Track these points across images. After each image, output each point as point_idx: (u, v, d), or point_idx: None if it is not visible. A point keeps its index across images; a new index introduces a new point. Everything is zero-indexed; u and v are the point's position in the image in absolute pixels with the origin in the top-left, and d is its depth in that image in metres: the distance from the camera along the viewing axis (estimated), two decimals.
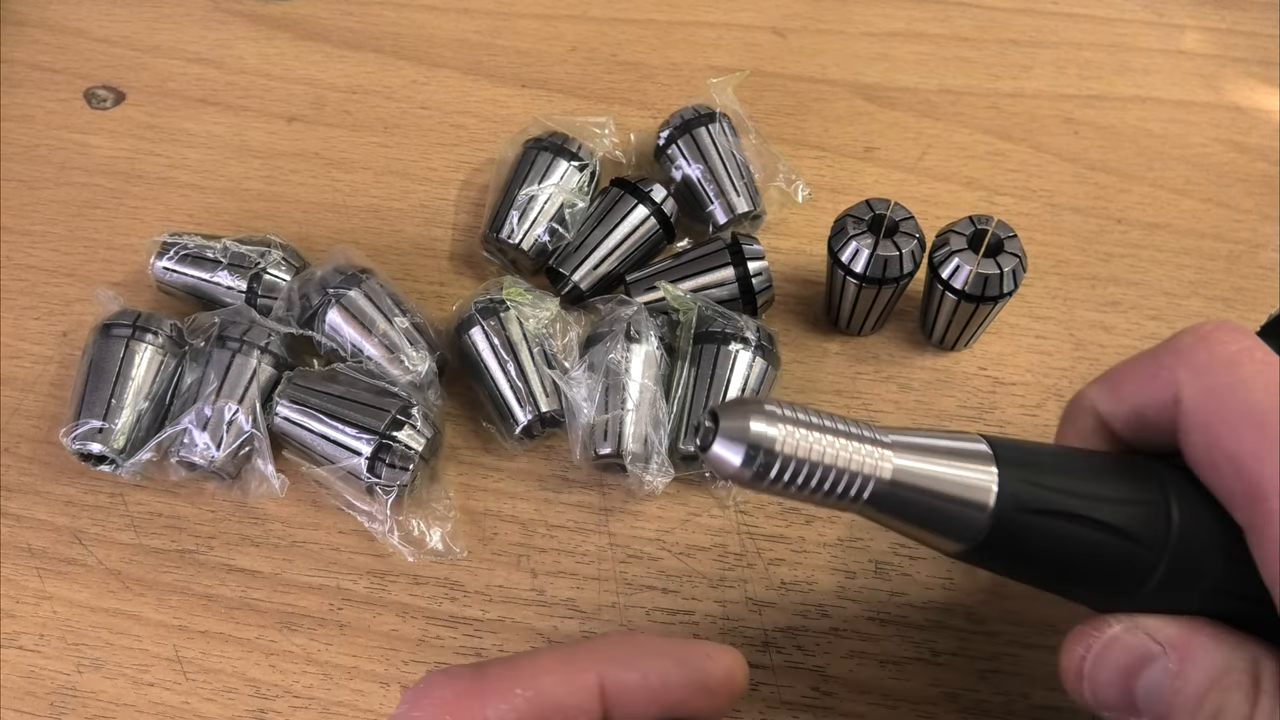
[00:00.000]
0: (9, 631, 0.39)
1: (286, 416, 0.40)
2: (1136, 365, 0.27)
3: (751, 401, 0.23)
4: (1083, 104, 0.54)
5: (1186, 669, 0.25)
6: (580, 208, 0.46)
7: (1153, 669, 0.25)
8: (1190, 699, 0.24)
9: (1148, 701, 0.25)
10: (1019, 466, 0.24)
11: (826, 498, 0.23)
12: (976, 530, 0.24)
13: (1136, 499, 0.25)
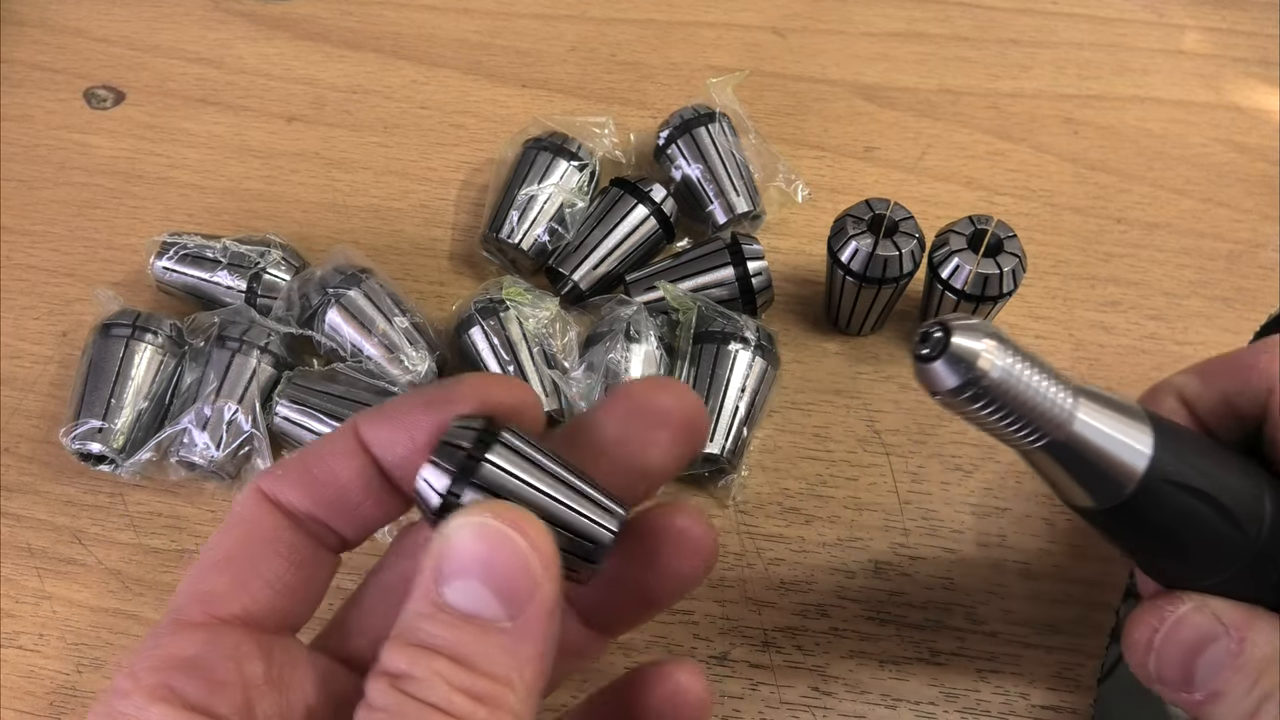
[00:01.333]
0: (9, 631, 0.39)
1: (286, 416, 0.40)
2: (1233, 355, 0.28)
3: (984, 326, 0.24)
4: (1083, 104, 0.54)
5: (1246, 649, 0.26)
6: (580, 207, 0.46)
7: (1215, 648, 0.26)
8: (1244, 679, 0.26)
9: (1204, 678, 0.26)
10: (1167, 437, 0.25)
11: (1007, 431, 0.24)
12: (1120, 492, 0.25)
13: (1249, 488, 0.26)
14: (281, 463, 0.26)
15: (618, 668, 0.38)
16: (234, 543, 0.25)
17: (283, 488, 0.26)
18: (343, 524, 0.26)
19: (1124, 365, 0.44)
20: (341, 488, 0.26)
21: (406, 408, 0.26)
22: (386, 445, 0.25)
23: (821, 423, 0.43)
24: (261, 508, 0.25)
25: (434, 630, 0.22)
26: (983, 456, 0.42)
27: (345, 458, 0.26)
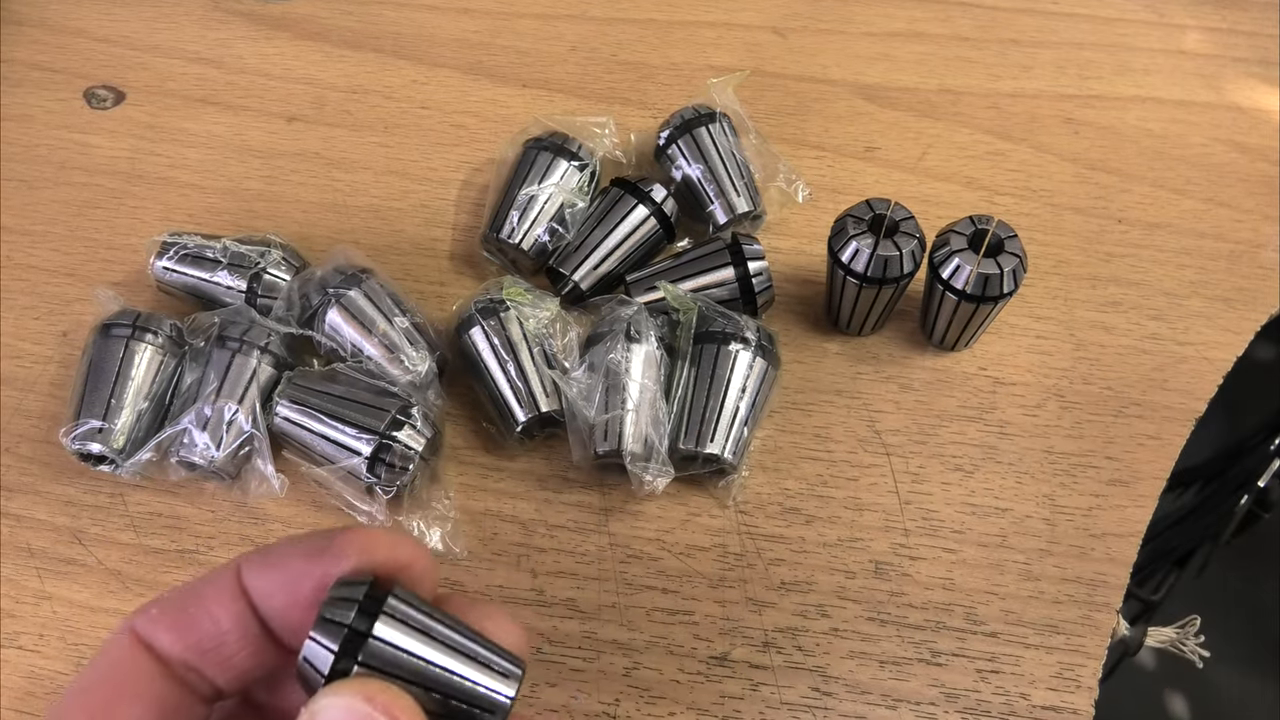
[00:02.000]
0: (9, 631, 0.39)
1: (286, 416, 0.40)
2: None
3: None
4: (1083, 104, 0.54)
5: None
6: (580, 207, 0.46)
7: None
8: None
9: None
10: None
11: None
12: None
13: None
14: (158, 600, 0.25)
15: (618, 667, 0.38)
16: (94, 685, 0.24)
17: (156, 630, 0.24)
18: (217, 672, 0.25)
19: (1125, 365, 0.44)
20: (219, 634, 0.25)
21: (288, 556, 0.25)
22: (265, 594, 0.25)
23: (822, 423, 0.43)
24: (130, 650, 0.24)
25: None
26: (983, 457, 0.42)
27: (224, 602, 0.25)
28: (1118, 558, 0.40)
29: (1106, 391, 0.44)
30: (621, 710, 0.37)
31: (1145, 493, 0.41)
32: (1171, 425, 0.43)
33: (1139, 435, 0.43)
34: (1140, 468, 0.42)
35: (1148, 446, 0.42)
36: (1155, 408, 0.43)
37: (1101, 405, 0.43)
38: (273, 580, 0.25)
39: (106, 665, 0.24)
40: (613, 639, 0.39)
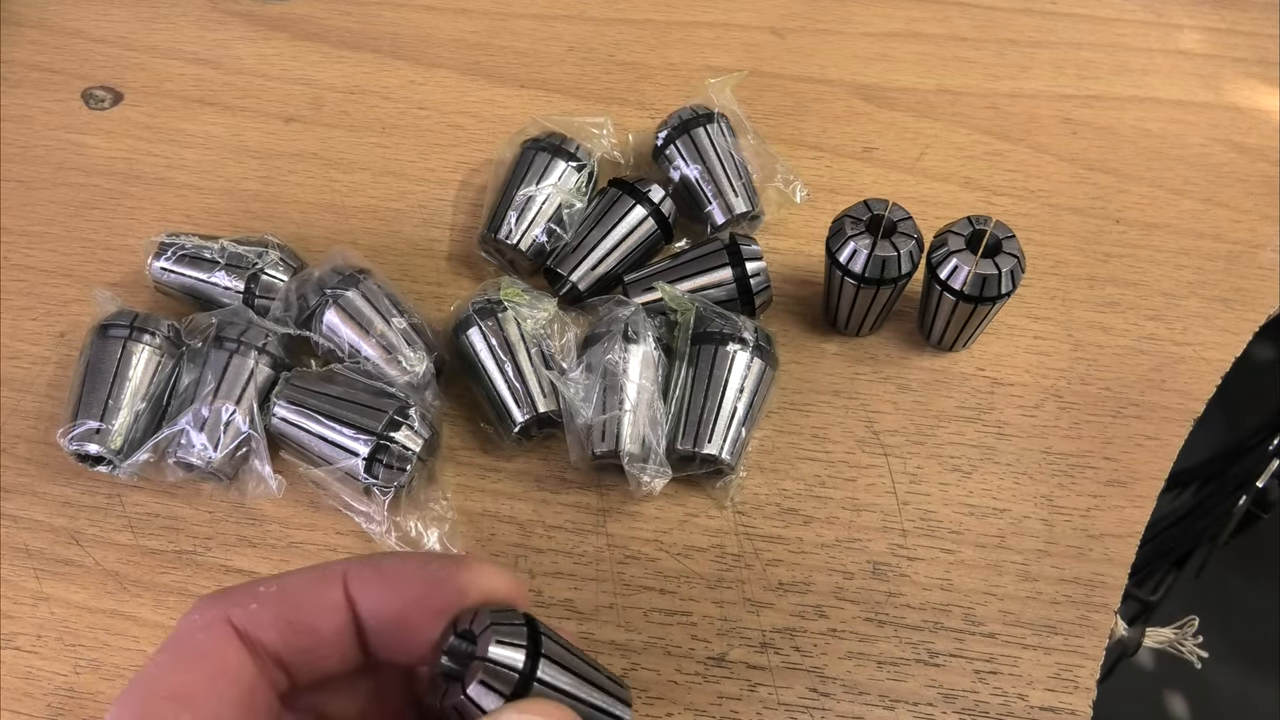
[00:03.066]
0: (6, 632, 0.39)
1: (284, 417, 0.40)
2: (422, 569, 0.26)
3: None
4: (1081, 104, 0.54)
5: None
6: (578, 208, 0.46)
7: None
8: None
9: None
10: None
11: None
12: None
13: None
14: (248, 594, 0.25)
15: (616, 668, 0.38)
16: (198, 679, 0.23)
17: (258, 628, 0.24)
18: (302, 672, 0.25)
19: (1123, 365, 0.44)
20: (318, 640, 0.25)
21: (405, 579, 0.25)
22: (373, 609, 0.25)
23: (820, 423, 0.43)
24: (229, 643, 0.24)
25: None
26: (981, 457, 0.42)
27: (329, 612, 0.25)
28: (1116, 558, 0.40)
29: (1104, 392, 0.44)
30: None
31: (1143, 493, 0.41)
32: (1170, 426, 0.43)
33: (1137, 436, 0.43)
34: (1138, 468, 0.42)
35: (1146, 447, 0.42)
36: (1153, 408, 0.43)
37: (1100, 406, 0.43)
38: (385, 599, 0.25)
39: (197, 648, 0.24)
40: (610, 639, 0.39)
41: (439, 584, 0.25)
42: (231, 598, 0.25)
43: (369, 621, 0.25)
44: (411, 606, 0.25)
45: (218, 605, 0.24)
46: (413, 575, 0.25)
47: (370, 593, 0.25)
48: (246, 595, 0.25)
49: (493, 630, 0.24)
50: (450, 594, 0.25)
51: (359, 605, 0.25)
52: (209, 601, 0.25)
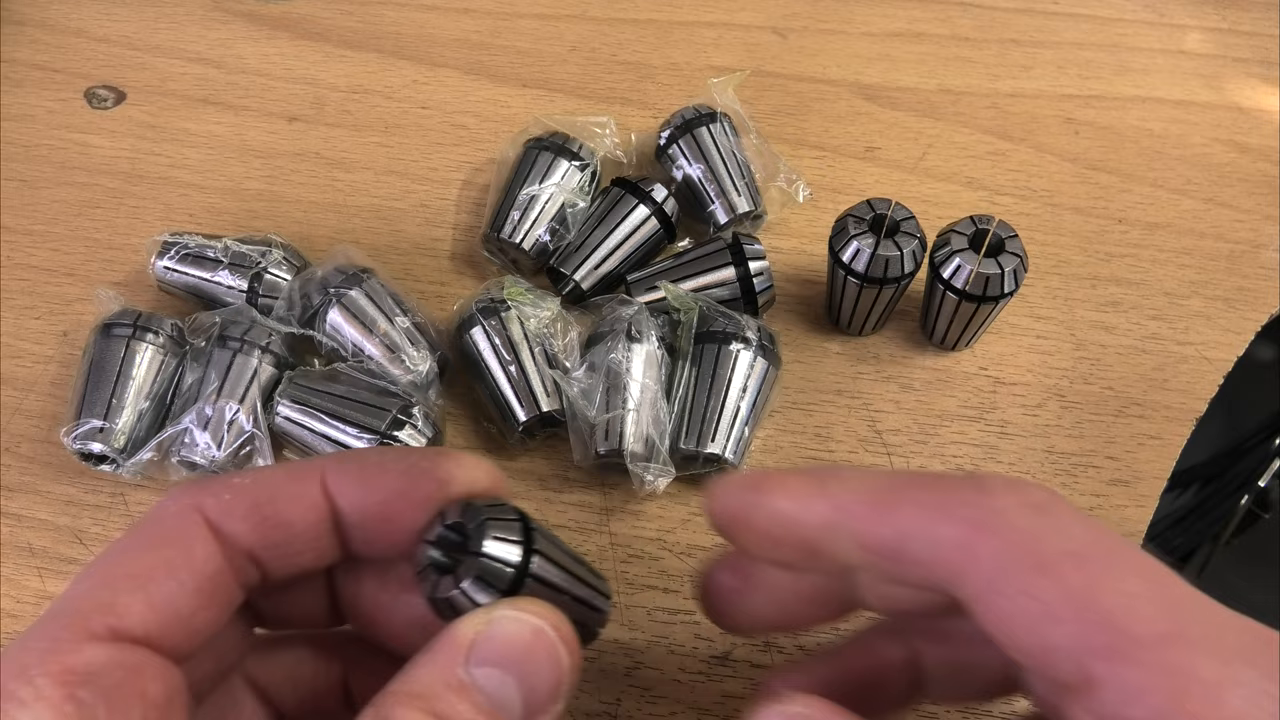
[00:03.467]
0: (9, 631, 0.39)
1: (287, 416, 0.40)
2: (924, 489, 0.24)
3: None
4: (1083, 104, 0.54)
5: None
6: (581, 207, 0.46)
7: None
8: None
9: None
10: None
11: None
12: None
13: None
14: (223, 485, 0.24)
15: (619, 667, 0.38)
16: (159, 562, 0.23)
17: (229, 519, 0.24)
18: (276, 568, 0.25)
19: (1125, 365, 0.44)
20: (291, 534, 0.25)
21: (384, 473, 0.25)
22: (356, 503, 0.25)
23: (823, 423, 0.43)
24: (197, 531, 0.24)
25: (460, 708, 0.21)
26: (984, 457, 0.42)
27: (305, 506, 0.24)
28: None
29: (1107, 391, 0.44)
30: (623, 710, 0.37)
31: (1146, 493, 0.41)
32: (1172, 425, 0.43)
33: (1139, 435, 0.43)
34: (1141, 468, 0.42)
35: (1148, 446, 0.42)
36: (1155, 408, 0.43)
37: (1102, 405, 0.43)
38: (366, 492, 0.25)
39: (170, 542, 0.24)
40: (614, 638, 0.39)
41: (421, 475, 0.25)
42: (205, 488, 0.24)
43: (349, 515, 0.25)
44: (393, 499, 0.25)
45: (190, 494, 0.24)
46: (394, 468, 0.25)
47: (350, 486, 0.25)
48: (220, 486, 0.25)
49: (488, 525, 0.24)
50: (432, 485, 0.25)
51: (338, 499, 0.25)
52: (182, 490, 0.25)
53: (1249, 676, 0.19)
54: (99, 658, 0.21)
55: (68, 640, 0.21)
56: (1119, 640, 0.20)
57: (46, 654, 0.21)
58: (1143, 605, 0.20)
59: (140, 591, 0.22)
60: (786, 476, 0.25)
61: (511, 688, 0.22)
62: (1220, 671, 0.19)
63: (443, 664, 0.22)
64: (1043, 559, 0.21)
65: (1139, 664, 0.19)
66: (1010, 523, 0.22)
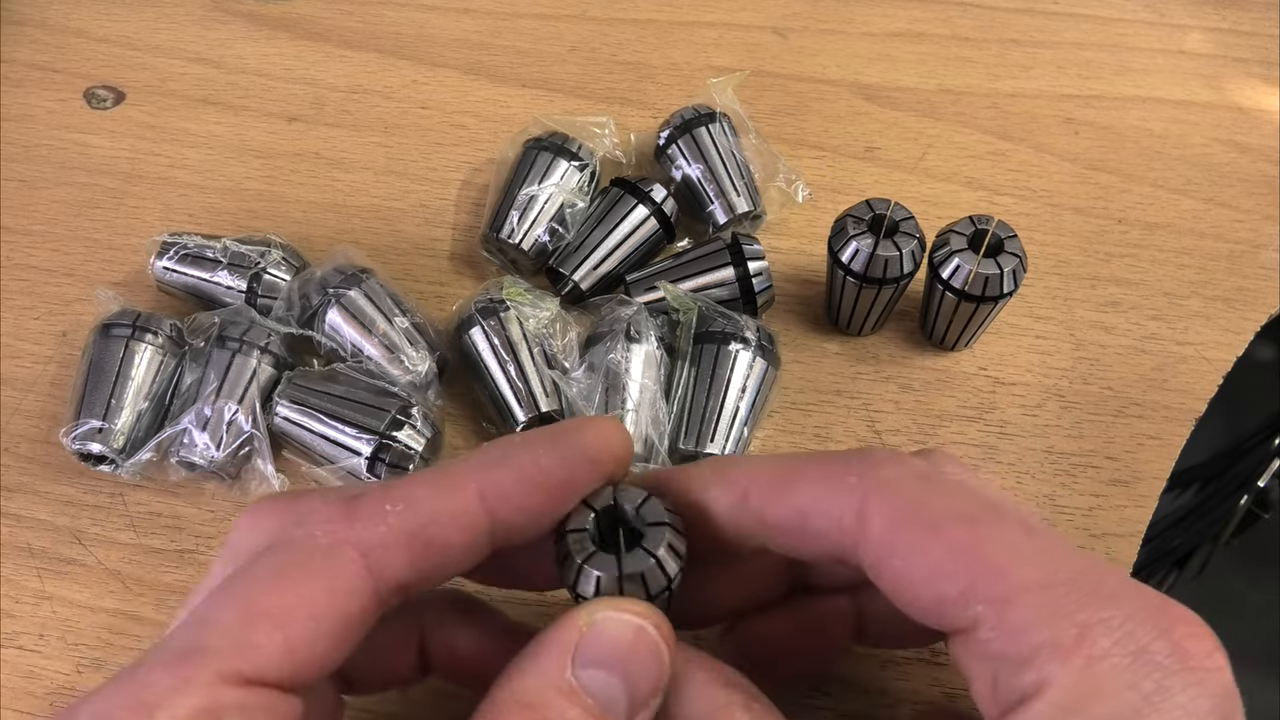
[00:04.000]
0: (8, 631, 0.39)
1: (286, 416, 0.40)
2: (816, 467, 0.25)
3: None
4: (1083, 104, 0.54)
5: (671, 705, 0.23)
6: (580, 208, 0.46)
7: None
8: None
9: None
10: None
11: None
12: None
13: None
14: (377, 515, 0.23)
15: None
16: (302, 601, 0.22)
17: (387, 553, 0.23)
18: (424, 586, 0.24)
19: (1125, 365, 0.44)
20: (449, 556, 0.24)
21: (539, 470, 0.24)
22: (518, 512, 0.24)
23: (822, 423, 0.43)
24: (350, 569, 0.22)
25: (571, 714, 0.21)
26: (983, 457, 0.42)
27: (463, 526, 0.24)
28: (1118, 558, 0.40)
29: (1106, 391, 0.44)
30: None
31: (1145, 493, 0.41)
32: (1171, 425, 0.43)
33: (1139, 435, 0.43)
34: (1140, 468, 0.42)
35: (1148, 446, 0.42)
36: (1155, 408, 0.43)
37: (1101, 405, 0.43)
38: (526, 499, 0.24)
39: (313, 567, 0.22)
40: None
41: (577, 463, 0.25)
42: (359, 517, 0.23)
43: (512, 522, 0.24)
44: (554, 495, 0.24)
45: (343, 524, 0.23)
46: (547, 462, 0.24)
47: (511, 496, 0.24)
48: (375, 516, 0.23)
49: (666, 532, 0.24)
50: (587, 469, 0.25)
51: (499, 510, 0.24)
52: (332, 519, 0.23)
53: (1118, 620, 0.21)
54: (226, 701, 0.20)
55: (199, 683, 0.20)
56: (1001, 587, 0.22)
57: (174, 693, 0.20)
58: (1022, 556, 0.22)
59: (279, 632, 0.21)
60: (686, 470, 0.26)
61: (617, 688, 0.22)
62: (1092, 614, 0.21)
63: (548, 668, 0.22)
64: (930, 521, 0.23)
65: (1018, 606, 0.21)
66: (898, 491, 0.24)
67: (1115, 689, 0.20)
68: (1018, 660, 0.21)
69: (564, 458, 0.25)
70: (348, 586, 0.22)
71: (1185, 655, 0.21)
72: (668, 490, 0.26)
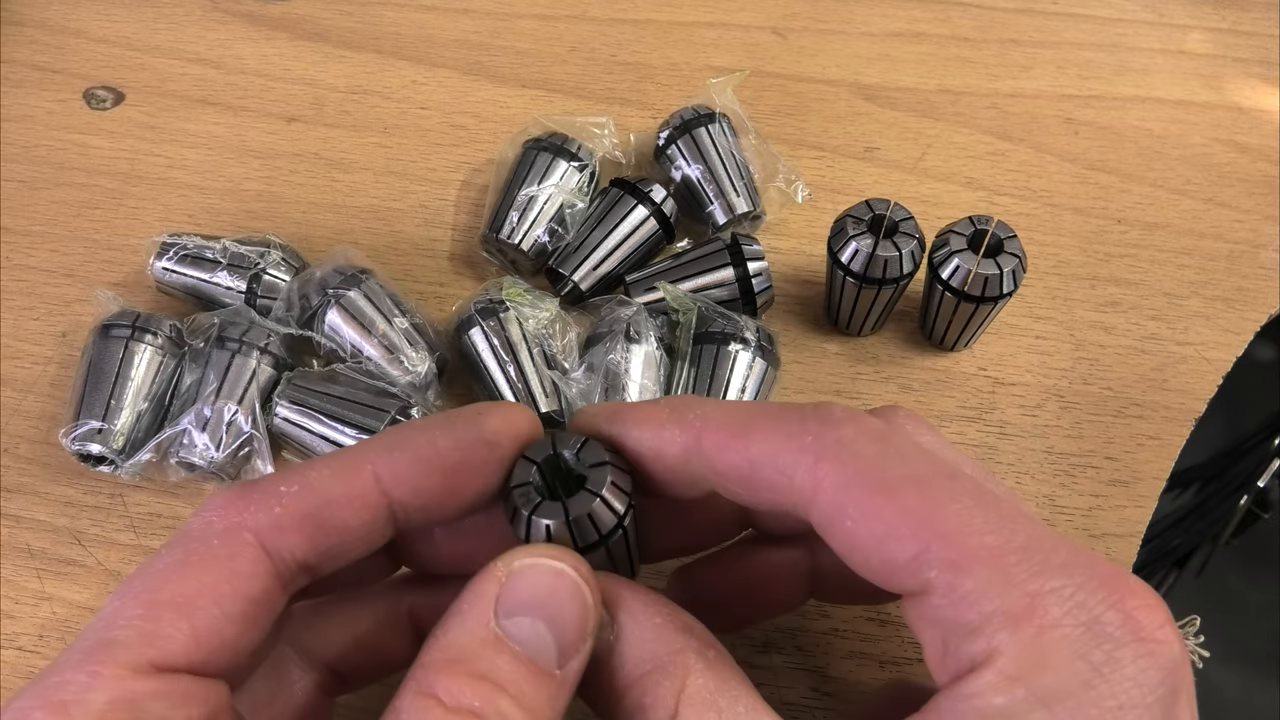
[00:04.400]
0: (8, 632, 0.39)
1: (286, 417, 0.40)
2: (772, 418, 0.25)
3: None
4: (1083, 104, 0.54)
5: (622, 648, 0.23)
6: (580, 208, 0.46)
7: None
8: (621, 681, 0.23)
9: None
10: None
11: None
12: None
13: None
14: (271, 497, 0.23)
15: None
16: (203, 588, 0.22)
17: (282, 534, 0.23)
18: (325, 568, 0.24)
19: (1124, 365, 0.44)
20: (346, 537, 0.24)
21: (434, 452, 0.24)
22: (413, 493, 0.24)
23: None
24: (246, 552, 0.23)
25: (499, 662, 0.21)
26: (983, 457, 0.42)
27: (359, 507, 0.24)
28: (1118, 558, 0.40)
29: (1106, 392, 0.44)
30: None
31: (1145, 493, 0.41)
32: (1171, 425, 0.43)
33: (1139, 435, 0.43)
34: (1140, 468, 0.42)
35: (1147, 447, 0.42)
36: (1155, 408, 0.43)
37: (1101, 405, 0.43)
38: (420, 480, 0.24)
39: (210, 553, 0.23)
40: None
41: (472, 445, 0.25)
42: (251, 500, 0.23)
43: (409, 503, 0.24)
44: (450, 476, 0.25)
45: (236, 508, 0.23)
46: (443, 444, 0.25)
47: (405, 477, 0.24)
48: (268, 498, 0.24)
49: (609, 470, 0.25)
50: (484, 451, 0.25)
51: (394, 492, 0.24)
52: (226, 501, 0.24)
53: (1068, 589, 0.21)
54: (141, 690, 0.21)
55: (108, 676, 0.21)
56: (953, 553, 0.21)
57: (85, 690, 0.20)
58: (976, 523, 0.22)
59: (184, 621, 0.22)
60: (643, 407, 0.26)
61: (543, 632, 0.22)
62: (1043, 582, 0.21)
63: (472, 620, 0.22)
64: (884, 483, 0.23)
65: (970, 573, 0.21)
66: (853, 451, 0.23)
67: (1065, 659, 0.20)
68: (968, 627, 0.21)
69: (459, 440, 0.25)
70: (247, 570, 0.23)
71: (1137, 626, 0.21)
72: (625, 423, 0.26)
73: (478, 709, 0.21)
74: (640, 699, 0.23)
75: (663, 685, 0.23)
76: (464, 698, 0.21)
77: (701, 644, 0.24)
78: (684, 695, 0.23)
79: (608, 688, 0.24)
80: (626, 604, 0.24)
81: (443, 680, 0.21)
